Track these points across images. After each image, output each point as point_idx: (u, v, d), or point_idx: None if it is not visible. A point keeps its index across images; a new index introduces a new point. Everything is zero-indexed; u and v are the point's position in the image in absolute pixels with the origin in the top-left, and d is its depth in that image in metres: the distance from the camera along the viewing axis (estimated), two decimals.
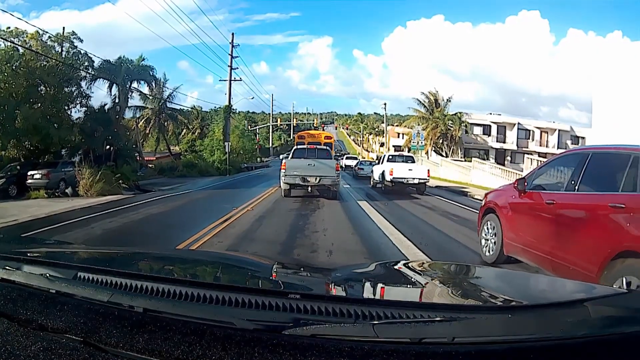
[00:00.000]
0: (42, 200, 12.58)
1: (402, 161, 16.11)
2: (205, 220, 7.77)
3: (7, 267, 1.08)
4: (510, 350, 0.74)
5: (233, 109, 34.06)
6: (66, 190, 13.68)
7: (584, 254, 3.61)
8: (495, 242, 5.21)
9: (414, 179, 14.74)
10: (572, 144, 36.83)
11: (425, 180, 14.89)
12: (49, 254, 1.56)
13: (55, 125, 15.97)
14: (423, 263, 2.04)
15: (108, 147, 19.84)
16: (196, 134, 38.33)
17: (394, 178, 14.74)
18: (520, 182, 4.83)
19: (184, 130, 38.87)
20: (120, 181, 14.77)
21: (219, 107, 32.68)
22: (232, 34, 31.17)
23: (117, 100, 21.82)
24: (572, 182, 4.05)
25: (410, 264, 1.84)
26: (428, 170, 15.29)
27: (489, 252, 5.34)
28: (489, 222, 5.44)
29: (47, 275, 1.05)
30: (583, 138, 36.79)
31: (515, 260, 4.86)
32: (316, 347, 0.74)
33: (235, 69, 30.67)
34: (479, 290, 1.34)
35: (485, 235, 5.47)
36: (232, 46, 30.52)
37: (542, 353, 0.74)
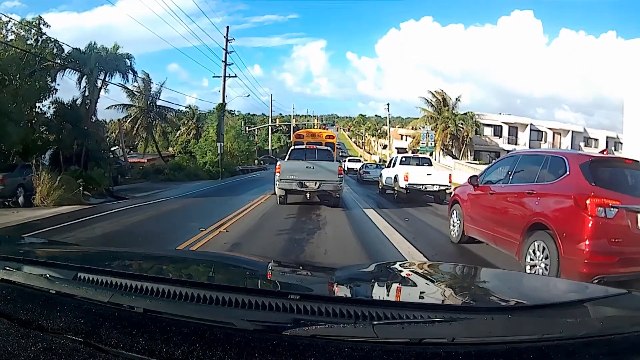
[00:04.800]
0: None
1: (417, 164, 14.15)
2: None
3: (7, 268, 1.08)
4: (510, 351, 0.75)
5: (231, 110, 33.10)
6: (18, 200, 11.91)
7: (512, 228, 4.84)
8: (459, 226, 6.36)
9: (433, 185, 12.63)
10: (585, 145, 35.19)
11: (446, 187, 12.81)
12: (49, 254, 1.56)
13: (17, 122, 13.74)
14: (423, 264, 2.04)
15: (79, 147, 17.45)
16: (191, 134, 36.75)
17: (409, 184, 12.57)
18: (473, 179, 6.10)
19: (179, 132, 37.28)
20: (81, 188, 12.63)
21: (215, 109, 30.97)
22: (227, 27, 29.65)
23: (86, 94, 19.06)
24: (508, 176, 5.40)
25: (409, 265, 1.84)
26: (450, 175, 13.36)
27: (454, 234, 6.51)
28: (454, 211, 6.58)
29: (47, 275, 1.05)
30: (596, 140, 35.66)
31: (475, 240, 5.99)
32: (316, 348, 0.74)
33: (230, 64, 28.93)
34: (478, 290, 1.35)
35: (452, 221, 6.61)
36: (227, 40, 28.46)
37: (542, 353, 0.74)
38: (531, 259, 4.41)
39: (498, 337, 0.79)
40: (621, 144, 30.84)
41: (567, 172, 4.40)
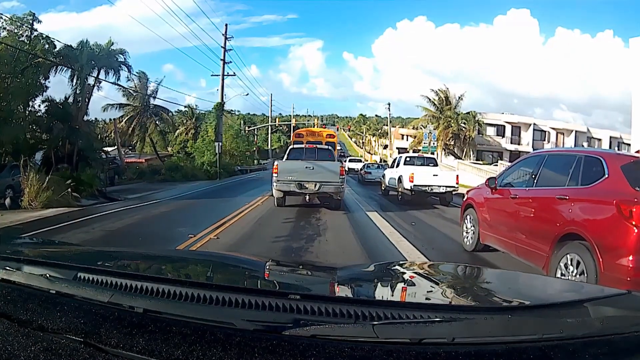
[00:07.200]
0: None
1: (422, 164, 13.76)
2: None
3: (7, 268, 1.08)
4: (510, 351, 0.75)
5: (230, 110, 32.78)
6: (4, 202, 11.31)
7: (539, 238, 4.30)
8: (473, 233, 5.85)
9: (439, 186, 12.22)
10: (588, 145, 34.45)
11: (453, 189, 12.45)
12: (49, 254, 1.56)
13: (7, 120, 13.39)
14: (423, 264, 2.04)
15: (71, 147, 16.99)
16: (190, 134, 36.38)
17: (415, 185, 12.10)
18: (491, 181, 5.54)
19: (177, 131, 36.97)
20: (70, 189, 12.05)
21: (214, 109, 30.47)
22: (226, 25, 28.73)
23: (78, 91, 18.52)
24: (532, 179, 4.80)
25: (410, 265, 1.84)
26: (457, 176, 12.97)
27: (468, 241, 5.99)
28: (468, 216, 6.07)
29: (47, 275, 1.05)
30: (599, 140, 35.35)
31: (491, 248, 5.49)
32: (316, 348, 0.74)
33: (228, 62, 28.62)
34: (478, 290, 1.35)
35: (466, 227, 6.10)
36: (225, 38, 28.13)
37: (542, 353, 0.74)
38: (562, 274, 3.87)
39: (498, 337, 0.79)
40: (625, 144, 30.77)
41: (606, 175, 3.83)
